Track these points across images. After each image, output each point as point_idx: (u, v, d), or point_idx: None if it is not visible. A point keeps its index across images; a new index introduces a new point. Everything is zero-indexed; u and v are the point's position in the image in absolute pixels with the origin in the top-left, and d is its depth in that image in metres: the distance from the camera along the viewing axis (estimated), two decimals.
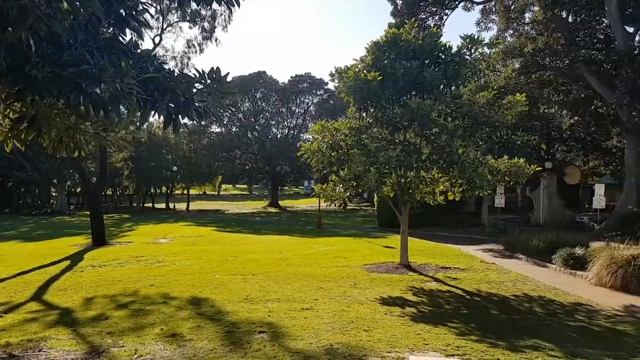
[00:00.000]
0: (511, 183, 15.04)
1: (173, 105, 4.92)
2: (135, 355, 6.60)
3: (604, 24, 26.50)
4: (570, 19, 27.61)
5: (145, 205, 58.76)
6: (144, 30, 5.27)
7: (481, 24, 33.45)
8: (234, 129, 60.23)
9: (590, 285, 12.31)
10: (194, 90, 5.07)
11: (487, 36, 54.24)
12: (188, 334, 7.56)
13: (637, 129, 22.40)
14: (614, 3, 23.58)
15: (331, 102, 57.83)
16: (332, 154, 14.02)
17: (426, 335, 7.44)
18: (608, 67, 24.84)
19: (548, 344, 7.17)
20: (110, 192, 59.73)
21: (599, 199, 21.91)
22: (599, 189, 22.37)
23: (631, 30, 24.55)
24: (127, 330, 7.83)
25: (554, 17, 26.84)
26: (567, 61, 26.82)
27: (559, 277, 13.62)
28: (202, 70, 5.04)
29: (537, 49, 27.43)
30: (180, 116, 5.07)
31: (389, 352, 6.64)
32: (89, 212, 24.68)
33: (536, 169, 14.35)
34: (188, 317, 8.63)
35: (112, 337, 7.48)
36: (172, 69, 5.40)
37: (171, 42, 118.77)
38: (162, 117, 4.98)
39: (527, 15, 32.53)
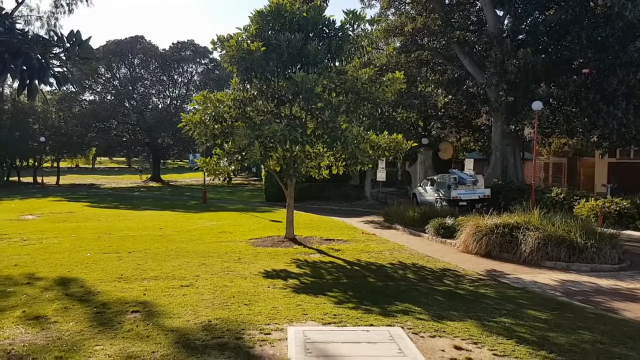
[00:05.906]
0: (391, 158, 15.68)
1: (27, 69, 4.49)
2: None
3: (478, 7, 28.12)
4: (447, 0, 28.96)
5: (11, 179, 53.48)
6: None
7: (365, 0, 34.07)
8: (108, 97, 56.10)
9: (458, 252, 13.34)
10: (52, 54, 4.65)
11: (370, 13, 55.45)
12: (53, 316, 7.03)
13: (503, 108, 24.29)
14: None
15: (217, 72, 55.72)
16: (216, 127, 13.63)
17: (306, 306, 7.59)
18: (479, 48, 26.58)
19: (417, 307, 7.65)
20: None
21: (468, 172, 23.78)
22: (469, 164, 24.32)
23: (501, 13, 26.20)
24: None
25: None
26: (444, 42, 28.28)
27: (431, 245, 14.60)
28: (61, 33, 4.74)
29: (416, 29, 28.56)
30: (36, 82, 4.68)
31: (268, 324, 6.67)
32: None
33: (413, 145, 15.09)
34: (54, 298, 8.03)
35: None
36: (27, 30, 4.93)
37: (37, 1, 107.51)
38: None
39: None
